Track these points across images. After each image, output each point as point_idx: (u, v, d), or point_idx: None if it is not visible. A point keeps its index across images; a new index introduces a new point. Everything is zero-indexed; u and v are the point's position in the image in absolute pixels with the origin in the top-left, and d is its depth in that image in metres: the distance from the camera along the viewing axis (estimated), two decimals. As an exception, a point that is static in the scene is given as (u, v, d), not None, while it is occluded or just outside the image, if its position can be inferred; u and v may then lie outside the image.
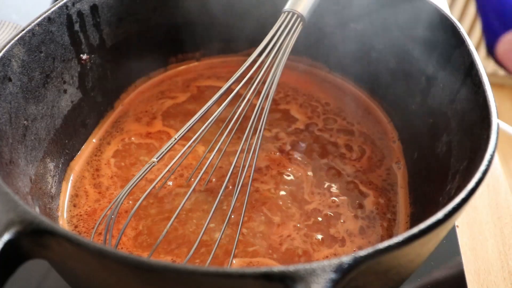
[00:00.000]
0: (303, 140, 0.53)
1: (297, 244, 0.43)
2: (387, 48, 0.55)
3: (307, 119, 0.56)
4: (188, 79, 0.61)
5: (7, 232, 0.25)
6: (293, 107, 0.57)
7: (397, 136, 0.54)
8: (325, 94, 0.60)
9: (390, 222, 0.45)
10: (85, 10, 0.48)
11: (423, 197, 0.44)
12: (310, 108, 0.57)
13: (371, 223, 0.45)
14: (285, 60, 0.47)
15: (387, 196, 0.47)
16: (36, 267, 0.44)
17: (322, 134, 0.54)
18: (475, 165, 0.31)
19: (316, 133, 0.54)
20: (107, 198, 0.47)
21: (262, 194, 0.47)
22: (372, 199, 0.47)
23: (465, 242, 0.49)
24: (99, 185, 0.48)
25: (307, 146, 0.52)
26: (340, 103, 0.58)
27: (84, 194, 0.47)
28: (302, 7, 0.49)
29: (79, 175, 0.49)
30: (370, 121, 0.56)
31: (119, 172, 0.49)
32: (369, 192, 0.48)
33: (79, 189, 0.47)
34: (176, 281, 0.24)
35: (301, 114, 0.56)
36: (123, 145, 0.52)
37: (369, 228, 0.44)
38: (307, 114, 0.56)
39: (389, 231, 0.44)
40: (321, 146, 0.52)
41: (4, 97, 0.38)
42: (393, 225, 0.45)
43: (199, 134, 0.42)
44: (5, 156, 0.36)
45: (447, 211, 0.27)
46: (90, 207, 0.46)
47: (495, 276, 0.46)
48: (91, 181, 0.48)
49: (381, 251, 0.25)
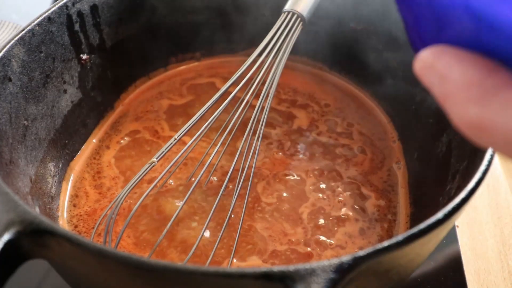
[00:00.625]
0: (303, 141, 0.53)
1: (297, 244, 0.43)
2: (387, 48, 0.55)
3: (307, 119, 0.56)
4: (188, 79, 0.61)
5: (7, 232, 0.25)
6: (293, 107, 0.57)
7: (397, 136, 0.54)
8: (325, 94, 0.60)
9: (390, 222, 0.45)
10: (85, 10, 0.48)
11: (423, 197, 0.44)
12: (310, 109, 0.57)
13: (372, 224, 0.45)
14: (285, 60, 0.47)
15: (388, 197, 0.47)
16: (36, 267, 0.44)
17: (322, 134, 0.54)
18: (475, 165, 0.31)
19: (316, 134, 0.54)
20: (107, 198, 0.47)
21: (262, 194, 0.47)
22: (373, 200, 0.47)
23: (465, 242, 0.49)
24: (99, 185, 0.48)
25: (307, 147, 0.52)
26: (340, 103, 0.58)
27: (84, 195, 0.47)
28: (302, 7, 0.49)
29: (79, 175, 0.49)
30: (370, 122, 0.56)
31: (119, 172, 0.49)
32: (370, 193, 0.47)
33: (79, 189, 0.47)
34: (176, 281, 0.24)
35: (301, 114, 0.56)
36: (123, 145, 0.52)
37: (370, 229, 0.44)
38: (307, 114, 0.56)
39: (389, 231, 0.44)
40: (321, 147, 0.52)
41: (4, 97, 0.38)
42: (393, 226, 0.45)
43: (199, 134, 0.42)
44: (5, 156, 0.36)
45: (447, 211, 0.27)
46: (90, 207, 0.46)
47: (495, 276, 0.46)
48: (91, 181, 0.48)
49: (381, 251, 0.25)
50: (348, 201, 0.46)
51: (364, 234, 0.44)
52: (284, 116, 0.56)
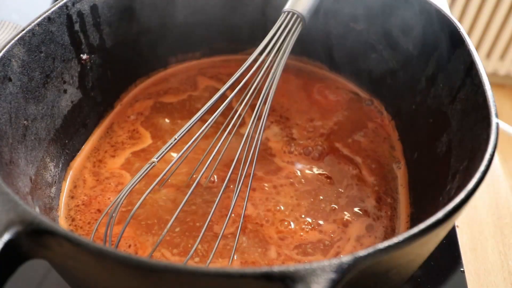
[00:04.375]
0: (303, 141, 0.53)
1: (297, 245, 0.43)
2: (387, 48, 0.55)
3: (307, 119, 0.56)
4: (188, 79, 0.61)
5: (7, 232, 0.25)
6: (293, 107, 0.57)
7: (397, 136, 0.54)
8: (324, 94, 0.60)
9: (390, 222, 0.45)
10: (85, 10, 0.48)
11: (423, 197, 0.44)
12: (310, 109, 0.57)
13: (372, 224, 0.45)
14: (285, 60, 0.47)
15: (388, 197, 0.47)
16: (36, 267, 0.44)
17: (322, 135, 0.54)
18: (475, 165, 0.31)
19: (316, 134, 0.54)
20: (107, 198, 0.46)
21: (262, 195, 0.47)
22: (372, 200, 0.47)
23: (465, 242, 0.49)
24: (99, 185, 0.48)
25: (307, 147, 0.52)
26: (340, 103, 0.58)
27: (85, 194, 0.47)
28: (302, 7, 0.49)
29: (79, 175, 0.48)
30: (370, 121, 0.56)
31: (119, 172, 0.49)
32: (370, 193, 0.47)
33: (79, 188, 0.47)
34: (176, 281, 0.24)
35: (301, 114, 0.56)
36: (123, 145, 0.52)
37: (370, 229, 0.44)
38: (307, 114, 0.56)
39: (389, 231, 0.44)
40: (321, 146, 0.52)
41: (4, 97, 0.38)
42: (394, 225, 0.45)
43: (200, 134, 0.42)
44: (5, 156, 0.36)
45: (447, 211, 0.27)
46: (87, 196, 0.46)
47: (495, 276, 0.46)
48: (91, 181, 0.48)
49: (381, 251, 0.25)
50: (347, 201, 0.46)
51: (365, 234, 0.44)
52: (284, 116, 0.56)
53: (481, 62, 0.39)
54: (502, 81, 1.89)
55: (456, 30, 0.43)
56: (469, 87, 0.40)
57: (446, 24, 0.45)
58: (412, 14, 0.50)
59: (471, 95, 0.39)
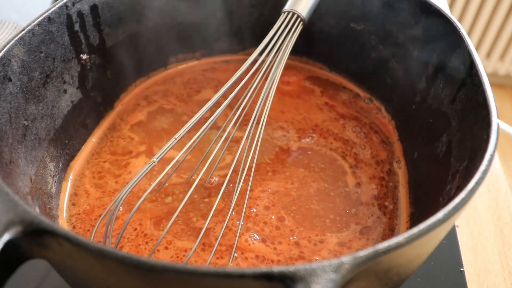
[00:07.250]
0: (302, 141, 0.53)
1: (297, 244, 0.43)
2: (387, 48, 0.55)
3: (307, 119, 0.56)
4: (188, 79, 0.61)
5: (7, 232, 0.25)
6: (293, 107, 0.57)
7: (397, 136, 0.54)
8: (324, 94, 0.60)
9: (390, 222, 0.45)
10: (85, 10, 0.48)
11: (423, 197, 0.44)
12: (309, 109, 0.57)
13: (372, 224, 0.45)
14: (285, 60, 0.47)
15: (388, 196, 0.47)
16: (36, 267, 0.44)
17: (322, 135, 0.54)
18: (475, 165, 0.31)
19: (316, 134, 0.54)
20: (107, 198, 0.46)
21: (262, 194, 0.47)
22: (372, 200, 0.47)
23: (465, 242, 0.49)
24: (99, 185, 0.48)
25: (307, 147, 0.52)
26: (340, 103, 0.58)
27: (85, 194, 0.47)
28: (302, 7, 0.49)
29: (79, 175, 0.49)
30: (370, 121, 0.56)
31: (119, 172, 0.49)
32: (370, 192, 0.47)
33: (79, 188, 0.47)
34: (176, 281, 0.24)
35: (301, 114, 0.56)
36: (123, 145, 0.52)
37: (370, 229, 0.44)
38: (306, 114, 0.56)
39: (389, 231, 0.44)
40: (321, 147, 0.52)
41: (4, 97, 0.38)
42: (394, 225, 0.45)
43: (200, 134, 0.42)
44: (5, 156, 0.36)
45: (447, 211, 0.27)
46: (89, 205, 0.46)
47: (495, 276, 0.46)
48: (91, 181, 0.48)
49: (381, 251, 0.25)
50: (347, 201, 0.46)
51: (365, 234, 0.44)
52: (283, 116, 0.56)
53: (481, 62, 0.39)
54: (502, 81, 1.89)
55: (456, 30, 0.43)
56: (469, 87, 0.40)
57: (446, 24, 0.45)
58: (412, 14, 0.50)
59: (471, 95, 0.39)
